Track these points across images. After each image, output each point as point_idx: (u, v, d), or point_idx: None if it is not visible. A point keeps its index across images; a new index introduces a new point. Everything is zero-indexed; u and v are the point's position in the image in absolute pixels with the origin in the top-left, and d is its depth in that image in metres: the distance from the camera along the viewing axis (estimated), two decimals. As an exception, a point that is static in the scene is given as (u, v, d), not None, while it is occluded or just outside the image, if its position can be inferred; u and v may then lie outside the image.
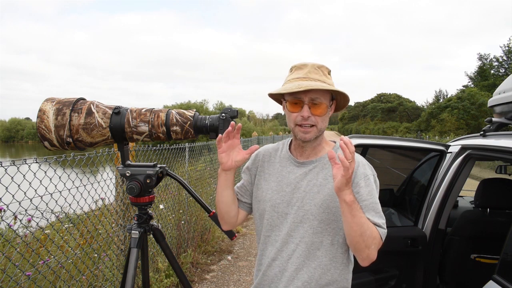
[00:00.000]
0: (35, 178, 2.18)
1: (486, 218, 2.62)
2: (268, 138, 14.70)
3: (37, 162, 2.17)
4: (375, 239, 1.26)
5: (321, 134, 1.39)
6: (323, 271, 1.36)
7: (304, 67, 1.37)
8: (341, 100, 1.42)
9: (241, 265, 4.80)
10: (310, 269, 1.36)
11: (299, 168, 1.42)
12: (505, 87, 2.41)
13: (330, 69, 1.41)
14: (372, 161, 1.71)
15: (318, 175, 1.39)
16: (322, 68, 1.38)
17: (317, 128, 1.34)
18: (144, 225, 1.64)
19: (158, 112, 1.54)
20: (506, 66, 37.52)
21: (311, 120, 1.33)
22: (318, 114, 1.33)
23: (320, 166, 1.40)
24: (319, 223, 1.35)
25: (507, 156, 2.01)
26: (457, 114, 32.03)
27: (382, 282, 2.70)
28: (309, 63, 1.38)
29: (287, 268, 1.38)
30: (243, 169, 1.57)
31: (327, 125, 1.39)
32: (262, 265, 1.45)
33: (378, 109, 64.34)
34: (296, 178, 1.41)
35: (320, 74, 1.36)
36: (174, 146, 4.28)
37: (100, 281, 2.94)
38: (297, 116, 1.33)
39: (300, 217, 1.36)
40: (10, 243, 2.41)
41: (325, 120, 1.37)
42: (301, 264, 1.36)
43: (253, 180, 1.51)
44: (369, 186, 1.34)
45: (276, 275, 1.39)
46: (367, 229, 1.22)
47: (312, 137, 1.35)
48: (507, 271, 1.72)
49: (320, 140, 1.42)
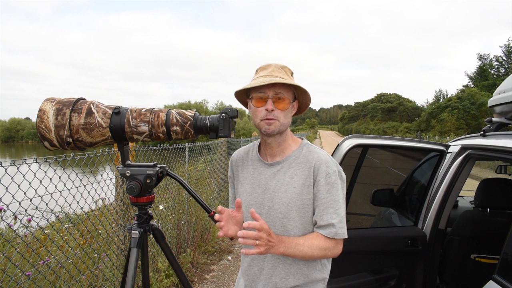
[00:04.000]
0: (35, 178, 2.18)
1: (486, 218, 2.62)
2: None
3: (37, 162, 2.17)
4: (326, 249, 1.38)
5: (285, 130, 1.45)
6: (298, 266, 1.45)
7: (268, 67, 1.46)
8: (303, 100, 1.50)
9: (241, 265, 4.80)
10: (286, 265, 1.45)
11: (268, 169, 1.49)
12: (505, 87, 2.40)
13: (292, 71, 1.49)
14: (372, 161, 1.71)
15: (285, 175, 1.45)
16: (285, 69, 1.46)
17: (279, 122, 1.40)
18: (144, 225, 1.64)
19: (158, 112, 1.54)
20: (506, 66, 37.52)
21: (274, 115, 1.39)
22: (281, 108, 1.40)
23: (286, 166, 1.47)
24: (288, 221, 1.43)
25: (507, 156, 2.01)
26: (457, 114, 32.01)
27: (382, 282, 2.70)
28: (273, 64, 1.46)
29: (264, 267, 1.48)
30: (229, 179, 1.66)
31: (290, 122, 1.46)
32: (243, 265, 1.58)
33: (378, 109, 64.35)
34: (266, 179, 1.48)
35: (283, 73, 1.44)
36: (174, 146, 4.28)
37: (100, 281, 2.94)
38: (262, 110, 1.40)
39: (272, 217, 1.44)
40: (10, 243, 2.41)
41: (288, 115, 1.43)
42: (277, 262, 1.46)
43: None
44: (329, 184, 1.41)
45: (256, 274, 1.50)
46: (312, 251, 1.36)
47: (275, 129, 1.40)
48: (507, 271, 1.72)
49: (285, 137, 1.48)
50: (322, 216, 1.39)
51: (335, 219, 1.38)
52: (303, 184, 1.42)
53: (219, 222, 1.39)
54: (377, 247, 2.56)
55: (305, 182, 1.42)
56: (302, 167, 1.44)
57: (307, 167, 1.43)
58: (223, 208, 1.40)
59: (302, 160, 1.45)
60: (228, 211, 1.42)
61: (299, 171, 1.44)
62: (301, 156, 1.46)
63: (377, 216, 3.40)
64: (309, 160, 1.44)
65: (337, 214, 1.39)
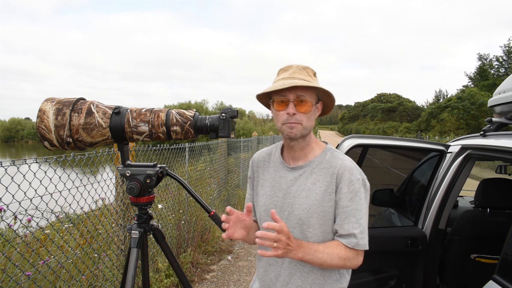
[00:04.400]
0: (35, 178, 2.18)
1: (486, 218, 2.62)
2: (268, 138, 14.65)
3: (37, 162, 2.17)
4: (346, 259, 1.33)
5: (308, 133, 1.40)
6: (315, 275, 1.39)
7: (289, 68, 1.40)
8: (328, 101, 1.44)
9: (241, 265, 4.80)
10: (303, 273, 1.39)
11: (290, 173, 1.44)
12: (505, 87, 2.40)
13: (315, 71, 1.43)
14: (372, 161, 1.71)
15: (307, 180, 1.40)
16: (307, 69, 1.40)
17: (302, 126, 1.35)
18: (144, 225, 1.64)
19: (158, 112, 1.54)
20: (506, 66, 37.51)
21: (296, 118, 1.34)
22: (303, 111, 1.34)
23: (309, 171, 1.41)
24: (308, 228, 1.37)
25: (507, 156, 2.01)
26: (457, 114, 32.02)
27: (382, 282, 2.70)
28: (294, 65, 1.41)
29: (281, 273, 1.41)
30: (248, 179, 1.60)
31: (313, 125, 1.41)
32: (259, 270, 1.50)
33: (378, 109, 64.35)
34: (287, 183, 1.43)
35: (305, 74, 1.38)
36: (174, 146, 4.27)
37: (100, 281, 2.94)
38: (283, 114, 1.35)
39: (291, 222, 1.39)
40: (10, 243, 2.41)
41: (311, 118, 1.38)
42: (294, 269, 1.40)
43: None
44: (352, 192, 1.35)
45: (272, 280, 1.44)
46: (332, 260, 1.31)
47: (298, 133, 1.36)
48: (507, 271, 1.72)
49: (309, 141, 1.43)
50: (343, 225, 1.34)
51: (356, 229, 1.33)
52: (325, 190, 1.37)
53: (225, 223, 1.32)
54: (377, 247, 2.55)
55: (327, 189, 1.37)
56: (325, 173, 1.39)
57: (330, 173, 1.38)
58: (232, 210, 1.33)
59: (325, 166, 1.40)
60: (238, 213, 1.35)
61: (321, 177, 1.39)
62: (325, 161, 1.41)
63: (377, 216, 3.40)
64: (332, 166, 1.39)
65: (358, 224, 1.33)
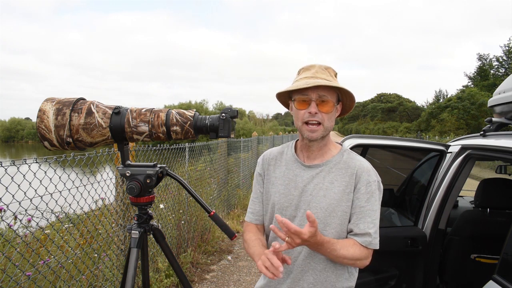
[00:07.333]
0: (35, 178, 2.18)
1: (486, 218, 2.62)
2: (268, 138, 14.64)
3: (37, 162, 2.17)
4: (358, 259, 1.34)
5: (327, 134, 1.41)
6: (327, 274, 1.39)
7: (312, 68, 1.41)
8: (347, 102, 1.44)
9: (241, 265, 4.80)
10: (316, 272, 1.39)
11: (306, 171, 1.43)
12: (505, 87, 2.40)
13: (336, 71, 1.44)
14: (372, 161, 1.71)
15: (324, 179, 1.40)
16: (329, 69, 1.41)
17: (323, 127, 1.36)
18: (144, 225, 1.64)
19: (158, 112, 1.54)
20: (506, 66, 37.51)
21: (318, 117, 1.34)
22: (325, 111, 1.35)
23: (326, 170, 1.42)
24: (324, 227, 1.37)
25: (507, 156, 2.01)
26: (457, 114, 32.01)
27: (382, 282, 2.70)
28: (317, 64, 1.41)
29: (293, 270, 1.41)
30: (256, 176, 1.58)
31: (333, 125, 1.41)
32: None
33: (378, 109, 64.34)
34: (303, 181, 1.42)
35: (327, 74, 1.39)
36: (174, 146, 4.28)
37: (100, 281, 2.94)
38: (305, 113, 1.35)
39: (307, 221, 1.38)
40: (10, 243, 2.41)
41: (332, 119, 1.38)
42: (307, 267, 1.40)
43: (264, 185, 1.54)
44: (369, 193, 1.37)
45: (282, 277, 1.40)
46: (345, 255, 1.32)
47: (319, 136, 1.36)
48: (507, 271, 1.72)
49: (327, 141, 1.44)
50: (359, 225, 1.36)
51: (372, 229, 1.35)
52: (343, 190, 1.38)
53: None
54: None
55: (346, 189, 1.38)
56: (343, 173, 1.40)
57: (349, 174, 1.39)
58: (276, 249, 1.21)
59: (343, 166, 1.41)
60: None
61: (339, 177, 1.39)
62: (342, 161, 1.42)
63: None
64: (350, 167, 1.40)
65: (373, 224, 1.36)
